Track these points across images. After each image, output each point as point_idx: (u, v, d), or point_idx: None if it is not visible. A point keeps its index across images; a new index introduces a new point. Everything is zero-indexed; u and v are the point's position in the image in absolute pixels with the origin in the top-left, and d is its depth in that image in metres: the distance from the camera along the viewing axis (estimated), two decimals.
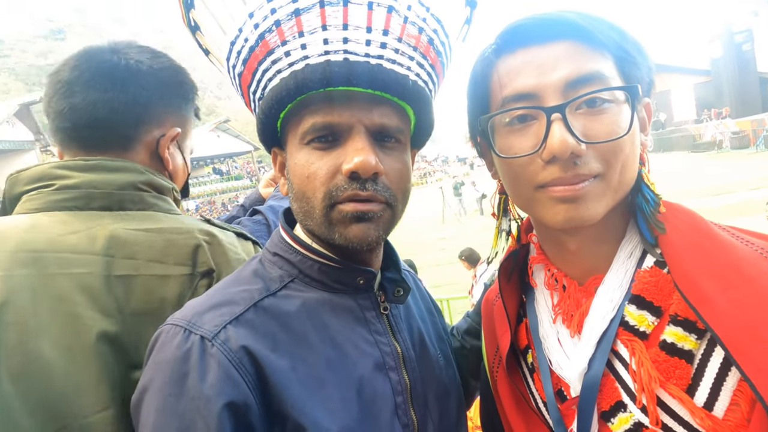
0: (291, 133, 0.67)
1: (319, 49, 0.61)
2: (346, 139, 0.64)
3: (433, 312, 0.94)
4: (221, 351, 0.59)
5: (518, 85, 0.59)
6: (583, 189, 0.57)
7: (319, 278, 0.71)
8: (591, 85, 0.56)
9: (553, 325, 0.69)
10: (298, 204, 0.68)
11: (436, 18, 0.68)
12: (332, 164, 0.63)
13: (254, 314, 0.64)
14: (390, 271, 0.78)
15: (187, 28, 0.75)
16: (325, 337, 0.67)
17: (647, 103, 0.65)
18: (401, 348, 0.74)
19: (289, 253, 0.72)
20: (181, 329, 0.61)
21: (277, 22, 0.62)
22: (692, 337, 0.55)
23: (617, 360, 0.61)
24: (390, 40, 0.63)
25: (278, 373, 0.61)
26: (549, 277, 0.71)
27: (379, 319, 0.73)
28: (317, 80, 0.61)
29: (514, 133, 0.61)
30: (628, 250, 0.64)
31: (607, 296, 0.62)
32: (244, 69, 0.67)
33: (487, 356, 0.84)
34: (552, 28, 0.59)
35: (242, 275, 0.72)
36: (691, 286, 0.55)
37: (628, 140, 0.57)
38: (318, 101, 0.63)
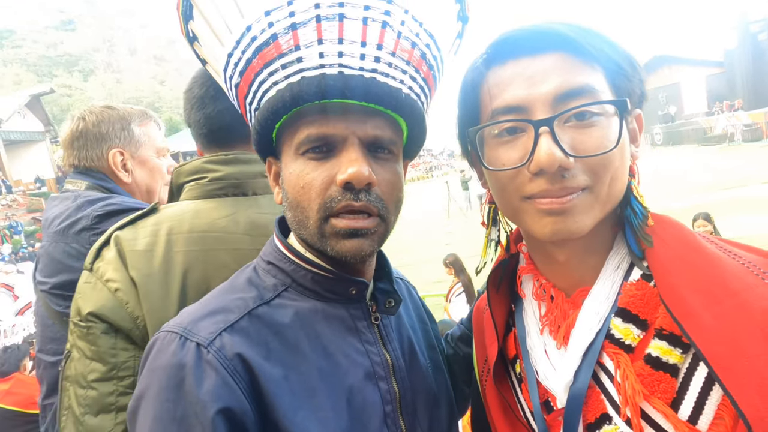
0: (286, 144, 0.68)
1: (315, 62, 0.62)
2: (341, 150, 0.65)
3: (425, 320, 0.94)
4: (216, 358, 0.60)
5: (508, 97, 0.59)
6: (571, 202, 0.57)
7: (312, 288, 0.72)
8: (580, 98, 0.56)
9: (540, 336, 0.69)
10: (292, 213, 0.69)
11: (428, 33, 0.69)
12: (327, 175, 0.65)
13: (248, 322, 0.65)
14: (382, 282, 0.79)
15: (185, 38, 0.76)
16: (317, 346, 0.68)
17: (638, 114, 0.64)
18: (391, 358, 0.75)
19: (283, 262, 0.73)
20: (177, 336, 0.62)
21: (274, 35, 0.64)
22: (677, 351, 0.55)
23: (603, 372, 0.61)
24: (384, 54, 0.64)
25: (271, 381, 0.62)
26: (537, 287, 0.71)
27: (370, 329, 0.75)
28: (313, 92, 0.62)
29: (502, 145, 0.61)
30: (615, 262, 0.64)
31: (594, 308, 0.62)
32: (241, 80, 0.68)
33: (477, 365, 0.84)
34: (542, 39, 0.58)
35: (237, 283, 0.73)
36: (677, 300, 0.54)
37: (618, 153, 0.57)
38: (313, 113, 0.64)
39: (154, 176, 1.48)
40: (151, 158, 1.48)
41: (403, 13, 0.66)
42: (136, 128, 1.45)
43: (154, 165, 1.48)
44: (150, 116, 1.52)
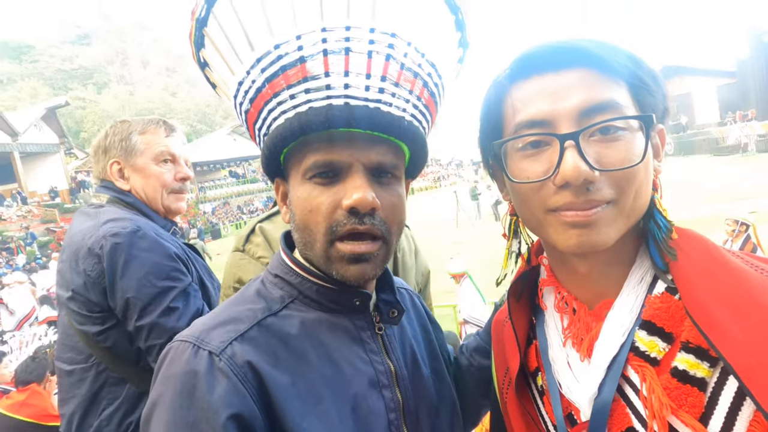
0: (294, 168, 0.71)
1: (322, 94, 0.65)
2: (346, 176, 0.68)
3: (428, 329, 0.96)
4: (228, 365, 0.62)
5: (532, 112, 0.60)
6: (596, 215, 0.57)
7: (318, 299, 0.74)
8: (605, 113, 0.56)
9: (562, 348, 0.69)
10: (299, 234, 0.72)
11: (430, 63, 0.72)
12: (333, 199, 0.68)
13: (257, 332, 0.68)
14: (385, 293, 0.81)
15: (197, 64, 0.79)
16: (322, 355, 0.71)
17: (661, 129, 0.65)
18: (394, 367, 0.77)
19: (290, 275, 0.76)
20: (190, 345, 0.64)
21: (283, 67, 0.66)
22: (705, 365, 0.55)
23: (628, 385, 0.60)
24: (387, 85, 0.67)
25: (279, 388, 0.64)
26: (559, 299, 0.70)
27: (374, 338, 0.77)
28: (320, 122, 0.65)
29: (526, 158, 0.61)
30: (638, 275, 0.63)
31: (618, 321, 0.62)
32: (251, 107, 0.71)
33: (497, 377, 0.84)
34: (566, 55, 0.59)
35: (246, 295, 0.76)
36: (703, 313, 0.54)
37: (642, 168, 0.57)
38: (320, 141, 0.67)
39: (149, 183, 1.50)
40: (149, 165, 1.50)
41: (405, 45, 0.69)
42: (135, 137, 1.49)
43: (151, 172, 1.50)
44: (157, 123, 1.55)
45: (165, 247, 1.35)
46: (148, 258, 1.30)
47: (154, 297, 1.27)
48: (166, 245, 1.35)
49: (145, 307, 1.27)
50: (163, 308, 1.27)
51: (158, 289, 1.28)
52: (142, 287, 1.27)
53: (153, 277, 1.28)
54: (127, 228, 1.32)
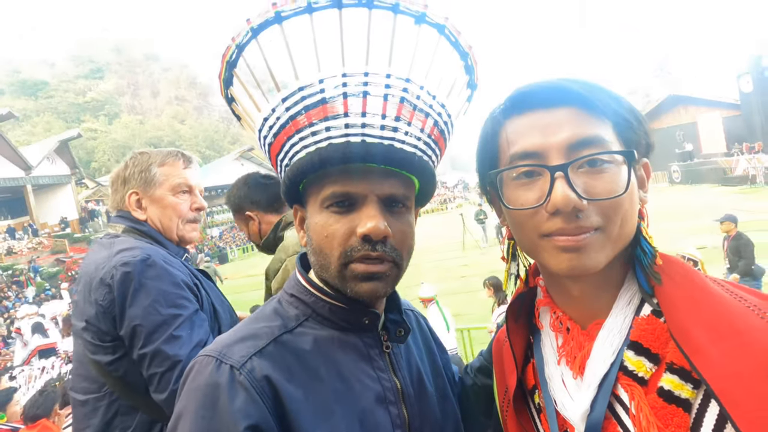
0: (312, 197, 0.77)
1: (341, 132, 0.72)
2: (361, 206, 0.74)
3: (433, 350, 1.00)
4: (247, 379, 0.68)
5: (525, 144, 0.65)
6: (585, 240, 0.61)
7: (330, 317, 0.80)
8: (591, 147, 0.61)
9: (557, 366, 0.72)
10: (315, 257, 0.78)
11: (440, 103, 0.80)
12: (348, 227, 0.74)
13: (274, 348, 0.73)
14: (393, 313, 0.87)
15: (225, 99, 0.87)
16: (333, 371, 0.75)
17: (645, 163, 0.69)
18: (401, 384, 0.81)
19: (304, 294, 0.82)
20: (213, 359, 0.70)
21: (306, 107, 0.74)
22: (689, 386, 0.57)
23: (618, 404, 0.63)
24: (401, 125, 0.74)
25: (293, 402, 0.69)
26: (554, 319, 0.74)
27: (382, 356, 0.82)
28: (338, 157, 0.72)
29: (521, 187, 0.66)
30: (627, 297, 0.67)
31: (607, 341, 0.65)
32: (274, 141, 0.78)
33: (498, 395, 0.87)
34: (556, 94, 0.64)
35: (264, 313, 0.82)
36: (686, 336, 0.57)
37: (627, 198, 0.62)
38: (338, 173, 0.73)
39: (166, 213, 1.54)
40: (166, 196, 1.54)
41: (418, 88, 0.77)
42: (155, 169, 1.54)
43: (168, 202, 1.54)
44: (176, 156, 1.60)
45: (173, 274, 1.37)
46: (155, 286, 1.32)
47: (159, 325, 1.29)
48: (174, 273, 1.38)
49: (149, 334, 1.28)
50: (167, 336, 1.28)
51: (163, 317, 1.30)
52: (148, 315, 1.29)
53: (159, 305, 1.30)
54: (137, 257, 1.35)
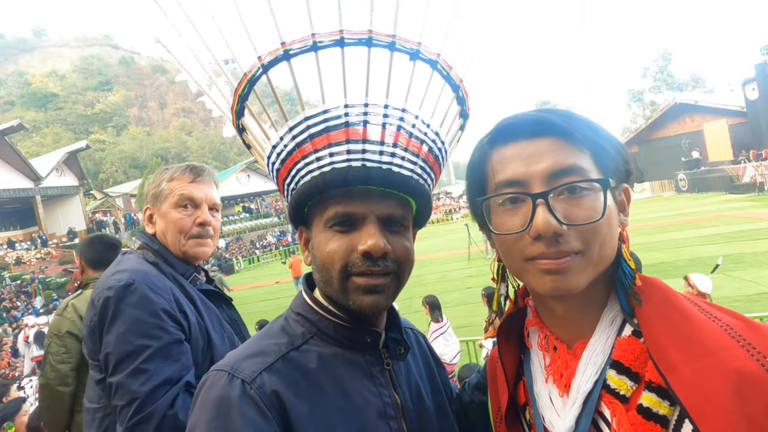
0: (316, 218, 0.83)
1: (343, 157, 0.79)
2: (361, 226, 0.79)
3: (431, 366, 1.04)
4: (257, 393, 0.72)
5: (509, 173, 0.69)
6: (566, 263, 0.65)
7: (334, 335, 0.84)
8: (571, 176, 0.66)
9: (545, 384, 0.75)
10: (319, 274, 0.83)
11: (434, 131, 0.87)
12: (349, 244, 0.79)
13: (282, 364, 0.78)
14: (393, 332, 0.91)
15: (236, 129, 0.94)
16: (337, 387, 0.79)
17: (625, 188, 0.73)
18: (401, 399, 0.85)
19: (310, 313, 0.86)
20: (225, 373, 0.74)
21: (311, 135, 0.80)
22: (666, 404, 0.61)
23: (602, 420, 0.66)
24: (398, 150, 0.81)
25: (299, 416, 0.73)
26: (542, 338, 0.78)
27: (383, 373, 0.86)
28: (341, 181, 0.78)
29: (506, 213, 0.70)
30: (609, 318, 0.70)
31: (591, 360, 0.69)
32: (282, 167, 0.85)
33: (492, 412, 0.90)
34: (538, 126, 0.69)
35: (272, 330, 0.86)
36: (662, 355, 0.60)
37: (605, 222, 0.65)
38: (340, 195, 0.79)
39: (169, 228, 1.52)
40: (170, 212, 1.53)
41: (414, 118, 0.84)
42: (164, 184, 1.55)
43: (171, 218, 1.52)
44: (185, 169, 1.57)
45: (152, 303, 1.31)
46: (130, 314, 1.28)
47: (128, 355, 1.25)
48: (155, 301, 1.32)
49: (117, 364, 1.25)
50: (132, 368, 1.23)
51: (133, 347, 1.25)
52: (119, 344, 1.26)
53: (131, 334, 1.26)
54: (121, 282, 1.33)
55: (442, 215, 40.49)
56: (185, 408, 1.20)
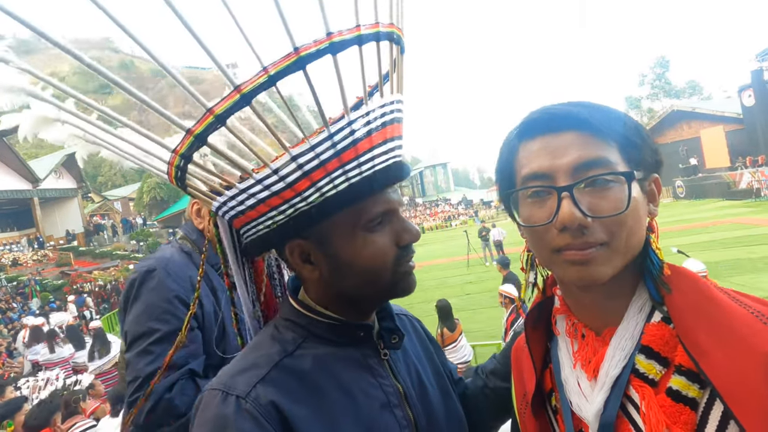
0: (342, 224, 0.77)
1: (383, 158, 0.78)
2: (392, 219, 0.81)
3: (430, 350, 1.05)
4: (253, 406, 0.72)
5: (535, 166, 0.70)
6: (591, 254, 0.66)
7: (326, 335, 0.84)
8: (596, 168, 0.67)
9: (573, 370, 0.76)
10: (359, 278, 0.80)
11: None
12: (389, 240, 0.81)
13: (276, 373, 0.77)
14: (386, 321, 0.92)
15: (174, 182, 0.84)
16: (336, 385, 0.79)
17: (655, 178, 0.73)
18: (402, 387, 0.86)
19: (299, 317, 0.86)
20: (219, 392, 0.74)
21: (354, 140, 0.75)
22: (695, 387, 0.62)
23: (630, 404, 0.68)
24: (403, 143, 0.83)
25: (300, 422, 0.73)
26: (570, 326, 0.79)
27: (381, 364, 0.86)
28: (382, 180, 0.78)
29: (533, 206, 0.72)
30: (638, 305, 0.72)
31: (620, 345, 0.70)
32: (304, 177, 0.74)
33: (516, 399, 0.91)
34: (564, 120, 0.70)
35: (261, 341, 0.85)
36: (693, 341, 0.62)
37: (630, 214, 0.66)
38: (378, 195, 0.79)
39: None
40: None
41: (401, 104, 0.84)
42: None
43: None
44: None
45: (169, 288, 1.40)
46: (147, 297, 1.39)
47: (140, 335, 1.35)
48: (170, 287, 1.40)
49: (131, 342, 1.37)
50: (141, 348, 1.33)
51: (144, 328, 1.35)
52: (134, 324, 1.37)
53: (145, 316, 1.37)
54: (145, 267, 1.45)
55: (441, 221, 40.51)
56: (183, 393, 1.29)
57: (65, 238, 29.14)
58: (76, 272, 23.60)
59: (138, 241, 30.41)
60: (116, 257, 26.82)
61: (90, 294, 19.62)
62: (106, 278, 22.37)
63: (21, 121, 0.87)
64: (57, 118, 0.88)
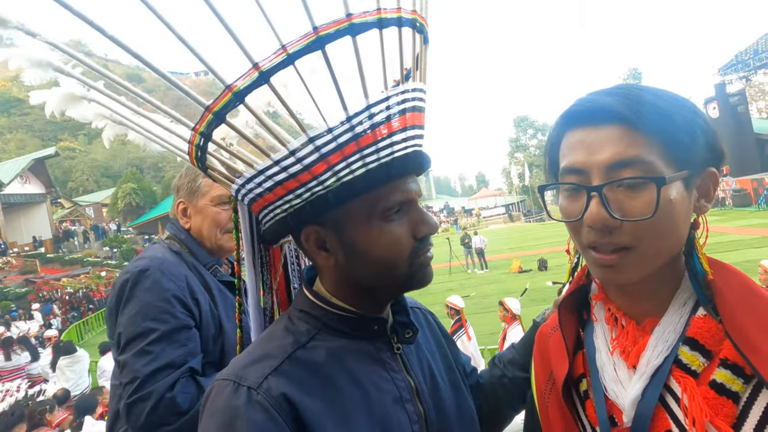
0: (357, 212, 0.76)
1: (402, 145, 0.76)
2: (409, 210, 0.79)
3: (442, 344, 1.03)
4: (265, 398, 0.70)
5: (572, 160, 0.69)
6: (615, 260, 0.66)
7: (340, 328, 0.83)
8: (631, 168, 0.64)
9: (610, 357, 0.75)
10: (374, 268, 0.79)
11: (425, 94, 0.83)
12: (407, 230, 0.79)
13: (289, 365, 0.76)
14: (400, 315, 0.90)
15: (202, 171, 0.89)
16: (349, 378, 0.78)
17: (711, 172, 0.69)
18: (414, 382, 0.85)
19: (314, 309, 0.84)
20: (230, 382, 0.73)
21: (373, 124, 0.73)
22: (739, 381, 0.62)
23: (669, 394, 0.67)
24: (423, 132, 0.81)
25: (313, 414, 0.72)
26: (609, 314, 0.78)
27: (394, 358, 0.85)
28: (399, 168, 0.76)
29: (568, 199, 0.71)
30: (682, 299, 0.71)
31: (663, 337, 0.69)
32: (321, 160, 0.73)
33: (537, 385, 0.89)
34: (603, 113, 0.66)
35: (275, 332, 0.84)
36: (743, 337, 0.61)
37: (662, 217, 0.63)
38: (396, 184, 0.77)
39: (206, 222, 1.56)
40: (207, 207, 1.56)
41: (422, 92, 0.81)
42: (200, 179, 1.56)
43: (209, 212, 1.56)
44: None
45: (164, 288, 1.37)
46: (142, 297, 1.35)
47: (136, 336, 1.30)
48: (166, 287, 1.37)
49: (126, 344, 1.32)
50: (138, 349, 1.29)
51: (141, 329, 1.31)
52: (129, 325, 1.33)
53: (140, 316, 1.32)
54: (138, 267, 1.40)
55: None
56: (184, 392, 1.26)
57: (32, 244, 28.06)
58: (42, 279, 22.69)
59: (111, 248, 29.53)
60: (87, 264, 25.99)
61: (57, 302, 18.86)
62: (75, 285, 21.59)
63: (48, 97, 0.90)
64: (84, 96, 0.91)
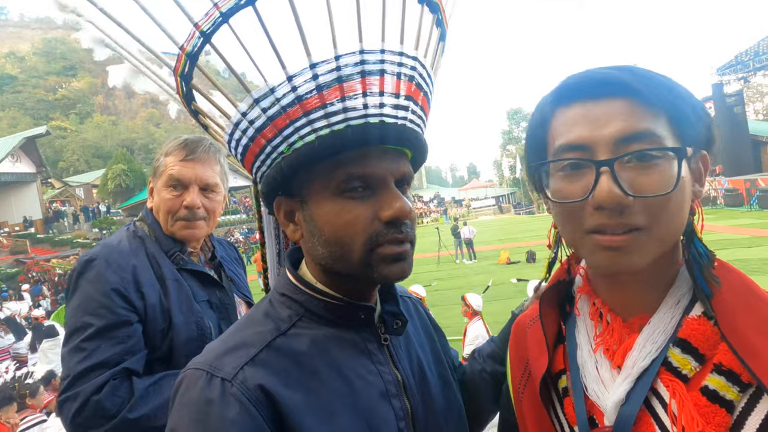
0: (317, 185, 0.72)
1: (360, 113, 0.69)
2: (380, 189, 0.71)
3: (432, 336, 0.98)
4: (240, 390, 0.65)
5: (573, 136, 0.62)
6: (626, 240, 0.59)
7: (324, 315, 0.77)
8: (641, 142, 0.58)
9: (592, 354, 0.70)
10: (328, 249, 0.73)
11: (429, 74, 0.78)
12: (370, 211, 0.70)
13: (267, 354, 0.70)
14: (389, 304, 0.84)
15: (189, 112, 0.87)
16: (332, 369, 0.73)
17: (704, 155, 0.65)
18: (401, 376, 0.79)
19: (296, 293, 0.78)
20: (203, 373, 0.67)
21: (319, 86, 0.68)
22: (735, 389, 0.57)
23: (655, 398, 0.62)
24: (411, 104, 0.74)
25: (292, 407, 0.67)
26: (593, 308, 0.72)
27: (381, 350, 0.79)
28: (358, 139, 0.68)
29: (566, 179, 0.64)
30: (676, 297, 0.65)
31: (652, 337, 0.64)
32: (270, 124, 0.71)
33: (512, 379, 0.84)
34: (608, 86, 0.61)
35: (254, 317, 0.78)
36: (741, 340, 0.57)
37: (676, 195, 0.59)
38: (355, 156, 0.69)
39: (159, 206, 1.46)
40: (162, 190, 1.45)
41: (419, 64, 0.75)
42: (162, 159, 1.46)
43: (161, 196, 1.45)
44: (179, 145, 1.47)
45: (107, 281, 1.28)
46: (85, 289, 1.29)
47: (75, 330, 1.25)
48: (108, 279, 1.28)
49: (67, 337, 1.28)
50: (74, 345, 1.23)
51: (80, 323, 1.25)
52: (70, 317, 1.28)
53: (81, 310, 1.27)
54: (87, 256, 1.35)
55: None
56: (114, 395, 1.18)
57: (22, 224, 27.78)
58: (33, 260, 22.54)
59: (101, 229, 29.29)
60: (77, 245, 25.78)
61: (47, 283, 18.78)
62: (65, 267, 21.46)
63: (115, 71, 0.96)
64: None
